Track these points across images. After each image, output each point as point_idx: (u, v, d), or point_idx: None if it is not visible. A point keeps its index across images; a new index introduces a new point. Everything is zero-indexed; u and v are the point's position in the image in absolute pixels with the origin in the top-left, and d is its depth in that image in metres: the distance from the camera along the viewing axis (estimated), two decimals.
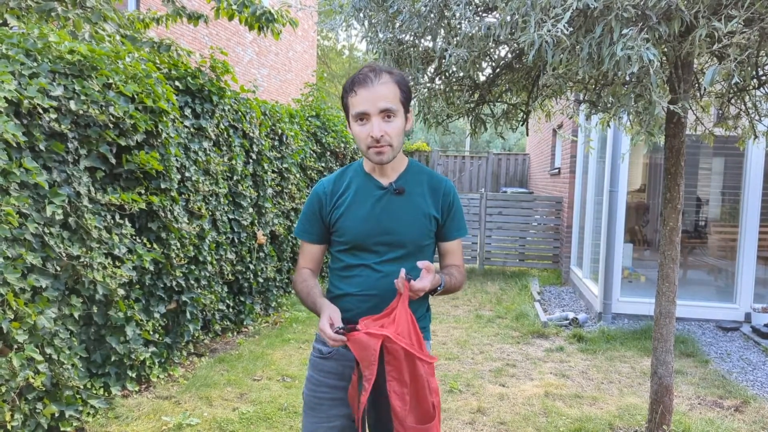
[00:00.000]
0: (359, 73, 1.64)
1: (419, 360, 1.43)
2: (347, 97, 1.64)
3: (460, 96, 2.75)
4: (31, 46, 3.06)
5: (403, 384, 1.44)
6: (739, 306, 5.87)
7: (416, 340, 1.48)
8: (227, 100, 4.77)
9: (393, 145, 1.64)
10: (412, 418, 1.43)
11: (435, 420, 1.46)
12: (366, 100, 1.59)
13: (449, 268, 1.77)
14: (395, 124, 1.63)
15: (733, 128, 3.55)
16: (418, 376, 1.43)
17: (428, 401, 1.45)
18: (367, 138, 1.61)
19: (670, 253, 3.06)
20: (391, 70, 1.66)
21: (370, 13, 2.60)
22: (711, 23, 1.80)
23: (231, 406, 3.61)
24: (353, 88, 1.62)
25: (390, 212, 1.68)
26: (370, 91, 1.59)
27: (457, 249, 1.80)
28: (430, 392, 1.46)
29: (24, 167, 2.81)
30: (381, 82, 1.61)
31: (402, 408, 1.44)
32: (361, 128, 1.62)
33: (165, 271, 3.95)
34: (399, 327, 1.45)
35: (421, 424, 1.45)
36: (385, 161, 1.65)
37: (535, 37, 1.87)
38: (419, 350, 1.46)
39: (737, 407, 3.83)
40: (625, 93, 2.09)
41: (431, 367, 1.49)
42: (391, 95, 1.61)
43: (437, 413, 1.46)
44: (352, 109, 1.63)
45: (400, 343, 1.41)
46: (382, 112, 1.60)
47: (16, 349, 2.77)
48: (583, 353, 4.96)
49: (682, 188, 3.02)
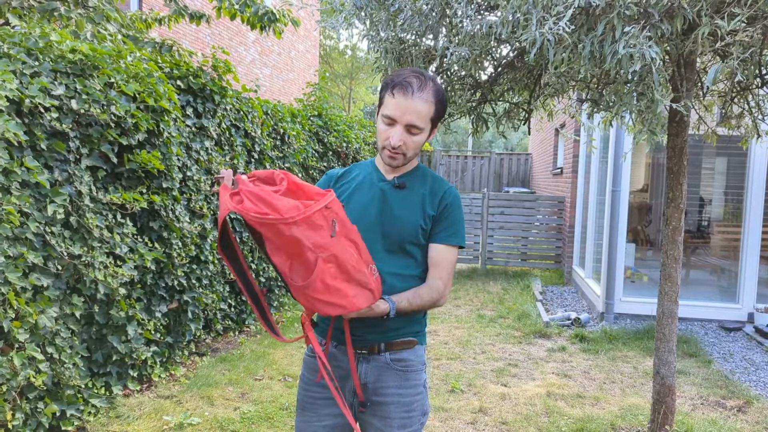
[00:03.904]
0: (405, 76, 1.59)
1: (282, 224, 1.33)
2: (385, 92, 1.62)
3: (461, 95, 2.74)
4: (32, 45, 3.06)
5: (279, 249, 1.38)
6: (742, 306, 5.85)
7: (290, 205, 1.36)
8: (229, 99, 4.77)
9: (407, 155, 1.64)
10: (298, 277, 1.41)
11: (314, 271, 1.38)
12: (398, 107, 1.57)
13: (422, 285, 1.66)
14: (417, 138, 1.62)
15: (736, 127, 3.53)
16: (287, 238, 1.35)
17: (306, 261, 1.38)
18: (386, 140, 1.61)
19: (672, 253, 3.05)
20: (437, 85, 1.62)
21: (371, 11, 2.59)
22: (714, 21, 1.79)
23: (232, 405, 3.60)
24: (393, 90, 1.58)
25: (386, 202, 1.68)
26: (407, 101, 1.56)
27: (444, 260, 1.67)
28: (310, 249, 1.37)
29: (25, 166, 2.81)
30: (421, 97, 1.57)
31: (284, 269, 1.41)
32: (384, 128, 1.62)
33: (166, 270, 3.95)
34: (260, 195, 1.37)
35: (303, 282, 1.41)
36: (394, 165, 1.66)
37: (536, 35, 1.86)
38: (274, 214, 1.34)
39: (740, 407, 3.82)
40: (628, 92, 2.08)
41: (306, 223, 1.36)
42: (425, 112, 1.58)
43: (317, 264, 1.38)
44: (384, 108, 1.61)
45: (250, 214, 1.33)
46: (408, 125, 1.59)
47: (17, 349, 2.77)
48: (586, 353, 4.95)
49: (684, 188, 3.00)
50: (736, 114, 3.45)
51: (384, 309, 1.55)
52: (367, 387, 1.67)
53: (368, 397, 1.67)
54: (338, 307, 1.45)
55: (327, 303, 1.44)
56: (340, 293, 1.44)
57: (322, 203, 1.40)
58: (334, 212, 1.44)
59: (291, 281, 1.43)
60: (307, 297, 1.44)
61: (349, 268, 1.45)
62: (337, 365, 1.68)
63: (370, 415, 1.68)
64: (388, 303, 1.56)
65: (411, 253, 1.67)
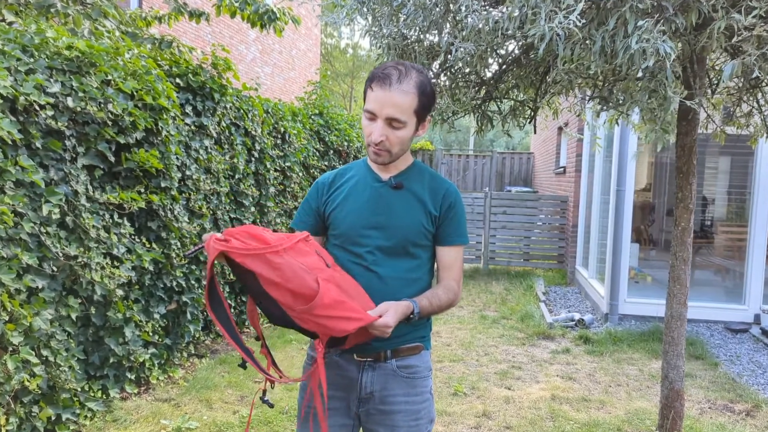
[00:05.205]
0: (384, 68, 1.52)
1: (271, 252, 1.33)
2: (366, 87, 1.55)
3: (466, 92, 2.67)
4: (27, 42, 2.99)
5: (275, 282, 1.34)
6: (748, 307, 5.78)
7: (276, 239, 1.37)
8: (229, 97, 4.70)
9: (392, 152, 1.56)
10: (303, 302, 1.35)
11: (318, 293, 1.34)
12: (377, 100, 1.50)
13: (437, 286, 1.62)
14: (400, 133, 1.53)
15: (745, 126, 3.46)
16: (279, 266, 1.33)
17: (306, 283, 1.34)
18: (369, 136, 1.54)
19: (681, 254, 2.98)
20: (420, 76, 1.53)
21: (374, 6, 2.52)
22: (730, 15, 1.72)
23: (231, 409, 3.54)
24: (372, 83, 1.52)
25: (384, 204, 1.60)
26: (385, 94, 1.49)
27: (455, 260, 1.64)
28: (306, 272, 1.35)
29: (20, 165, 2.75)
30: (400, 88, 1.49)
31: (285, 301, 1.35)
32: (367, 124, 1.55)
33: (165, 271, 3.89)
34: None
35: (306, 304, 1.35)
36: (380, 162, 1.59)
37: (545, 29, 1.79)
38: (262, 244, 1.34)
39: (748, 411, 3.75)
40: (640, 89, 2.01)
41: (293, 250, 1.37)
42: (406, 105, 1.50)
43: (319, 283, 1.35)
44: (366, 103, 1.54)
45: (236, 251, 1.32)
46: (388, 119, 1.51)
47: (11, 352, 2.71)
48: (590, 355, 4.88)
49: (694, 187, 2.93)
50: (744, 112, 3.38)
51: (408, 306, 1.48)
52: (373, 395, 1.60)
53: (374, 405, 1.60)
54: (353, 320, 1.36)
55: (340, 318, 1.35)
56: (353, 308, 1.37)
57: (302, 235, 1.45)
58: (315, 245, 1.48)
59: (296, 311, 1.36)
60: (317, 318, 1.36)
61: (352, 292, 1.41)
62: (341, 374, 1.62)
63: (376, 424, 1.62)
64: (411, 303, 1.50)
65: (415, 255, 1.61)
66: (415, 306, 1.50)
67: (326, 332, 1.39)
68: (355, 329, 1.36)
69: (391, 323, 1.41)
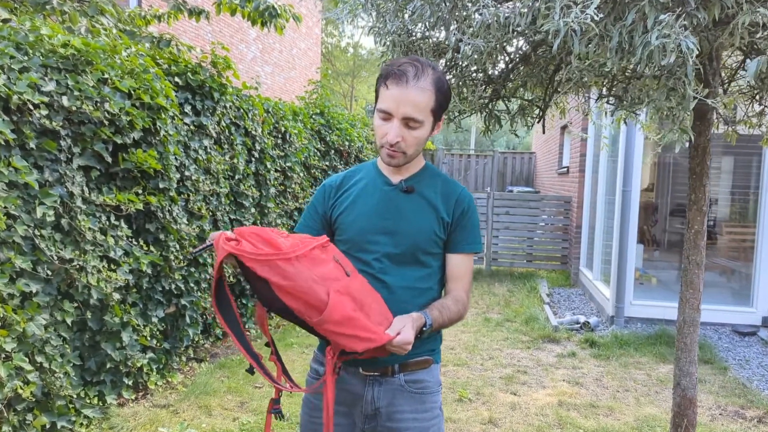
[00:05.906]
0: (399, 64, 1.43)
1: (282, 260, 1.26)
2: (379, 84, 1.46)
3: (474, 91, 2.58)
4: (21, 39, 2.91)
5: (288, 290, 1.27)
6: (757, 310, 5.69)
7: (290, 244, 1.30)
8: (229, 96, 4.61)
9: (407, 153, 1.47)
10: (315, 314, 1.28)
11: (328, 304, 1.27)
12: (393, 99, 1.41)
13: (445, 297, 1.54)
14: (417, 133, 1.45)
15: (757, 126, 3.38)
16: (290, 275, 1.26)
17: (317, 295, 1.27)
18: (383, 137, 1.46)
19: (695, 258, 2.89)
20: (437, 73, 1.45)
21: (379, 1, 2.43)
22: (756, 9, 1.64)
23: (231, 415, 3.46)
24: (387, 81, 1.43)
25: (394, 209, 1.51)
26: (402, 92, 1.40)
27: (465, 270, 1.55)
28: (318, 283, 1.28)
29: (13, 166, 2.67)
30: (417, 85, 1.41)
31: (298, 308, 1.28)
32: (380, 124, 1.46)
33: (163, 274, 3.81)
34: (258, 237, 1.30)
35: (318, 316, 1.28)
36: (394, 164, 1.50)
37: (560, 24, 1.70)
38: (274, 250, 1.26)
39: (760, 418, 3.66)
40: (658, 87, 1.93)
41: (307, 258, 1.29)
42: (423, 103, 1.42)
43: (329, 297, 1.27)
44: (379, 102, 1.46)
45: (246, 255, 1.25)
46: (405, 118, 1.43)
47: (4, 359, 2.62)
48: (597, 359, 4.80)
49: (707, 189, 2.84)
50: (757, 111, 3.29)
51: (420, 318, 1.39)
52: (379, 412, 1.52)
53: (381, 422, 1.52)
54: (363, 340, 1.28)
55: (350, 337, 1.28)
56: (365, 326, 1.29)
57: (320, 240, 1.37)
58: (333, 250, 1.40)
59: (309, 319, 1.29)
60: (327, 332, 1.29)
61: (371, 304, 1.33)
62: (346, 389, 1.53)
63: None
64: (423, 315, 1.41)
65: (425, 263, 1.52)
66: (427, 318, 1.41)
67: (337, 346, 1.33)
68: (363, 350, 1.28)
69: (411, 339, 1.32)
